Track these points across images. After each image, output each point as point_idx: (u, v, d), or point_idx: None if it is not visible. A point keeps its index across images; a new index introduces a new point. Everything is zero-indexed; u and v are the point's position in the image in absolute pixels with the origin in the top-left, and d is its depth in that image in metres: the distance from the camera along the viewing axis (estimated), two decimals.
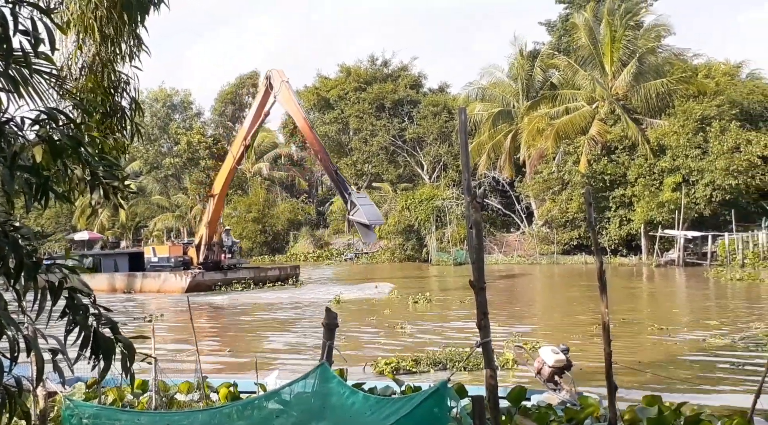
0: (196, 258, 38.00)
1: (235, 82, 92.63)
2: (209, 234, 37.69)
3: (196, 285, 35.67)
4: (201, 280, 36.15)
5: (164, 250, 39.48)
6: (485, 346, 5.01)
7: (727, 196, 47.35)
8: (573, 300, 27.49)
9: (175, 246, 39.70)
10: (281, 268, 42.86)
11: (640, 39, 54.21)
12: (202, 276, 36.46)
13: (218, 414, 5.95)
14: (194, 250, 38.39)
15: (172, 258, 38.24)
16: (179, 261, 38.08)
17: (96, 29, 6.10)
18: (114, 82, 6.35)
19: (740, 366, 13.03)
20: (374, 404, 5.36)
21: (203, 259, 37.62)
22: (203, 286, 35.89)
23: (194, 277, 35.95)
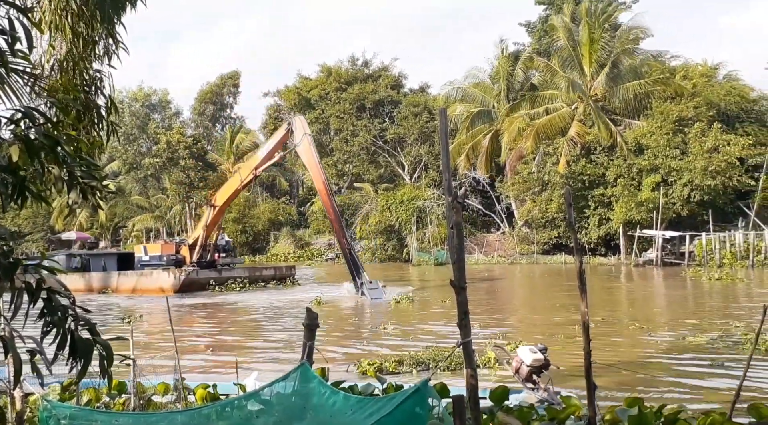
0: (189, 257, 37.43)
1: (216, 81, 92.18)
2: (206, 236, 37.28)
3: (190, 283, 34.98)
4: (195, 278, 35.49)
5: (156, 249, 38.76)
6: (466, 346, 5.01)
7: (705, 197, 47.87)
8: (553, 300, 27.64)
9: (167, 245, 38.98)
10: (276, 268, 42.27)
11: (618, 40, 54.67)
12: (196, 274, 35.82)
13: (197, 414, 5.91)
14: (187, 249, 37.79)
15: (164, 257, 37.58)
16: (172, 260, 37.40)
17: (67, 26, 6.04)
18: (88, 81, 6.28)
19: (720, 365, 13.16)
20: (355, 403, 5.34)
21: (197, 258, 37.11)
22: (197, 285, 35.28)
23: (188, 275, 35.29)
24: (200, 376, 12.35)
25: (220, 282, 36.19)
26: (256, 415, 5.75)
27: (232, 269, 38.40)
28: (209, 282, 35.78)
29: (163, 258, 37.56)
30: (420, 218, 60.88)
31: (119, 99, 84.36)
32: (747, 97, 55.01)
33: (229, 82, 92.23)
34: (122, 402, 8.41)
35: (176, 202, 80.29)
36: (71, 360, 3.61)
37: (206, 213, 37.47)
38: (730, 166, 47.37)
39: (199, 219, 70.08)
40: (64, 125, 4.68)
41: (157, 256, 37.83)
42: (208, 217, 36.82)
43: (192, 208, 78.11)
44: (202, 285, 35.41)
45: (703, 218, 48.38)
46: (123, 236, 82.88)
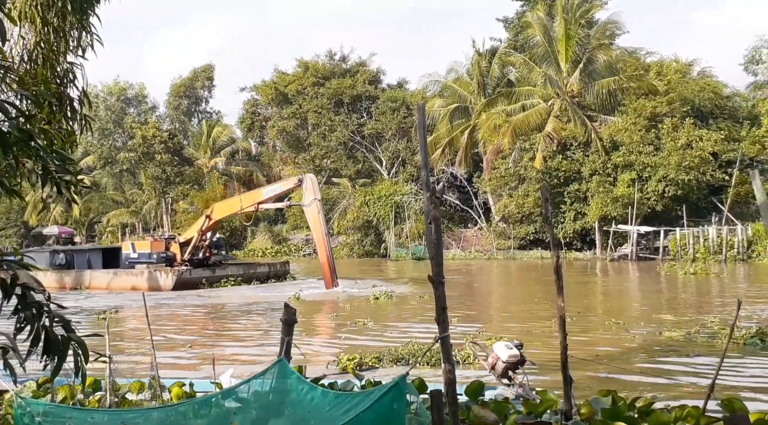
0: (179, 255, 36.73)
1: (189, 75, 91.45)
2: (199, 239, 36.59)
3: (183, 283, 34.18)
4: (188, 278, 34.70)
5: (145, 246, 37.58)
6: (444, 341, 5.03)
7: (679, 192, 48.41)
8: (530, 295, 27.81)
9: (157, 242, 37.80)
10: (270, 264, 41.40)
11: (594, 37, 55.02)
12: (189, 273, 35.05)
13: (174, 412, 5.87)
14: (177, 246, 37.03)
15: (154, 254, 36.46)
16: (162, 258, 36.47)
17: (37, 17, 5.94)
18: (61, 73, 6.19)
19: (695, 358, 13.31)
20: (333, 399, 5.34)
21: (189, 256, 36.43)
22: (190, 284, 34.48)
23: (181, 275, 34.56)
24: (176, 373, 12.28)
25: (213, 280, 35.46)
26: (234, 412, 5.73)
27: (225, 266, 37.73)
28: (201, 281, 35.02)
29: (152, 255, 36.59)
30: (398, 213, 60.97)
31: (94, 93, 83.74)
32: (720, 93, 55.69)
33: (202, 75, 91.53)
34: (97, 400, 8.33)
35: (152, 197, 79.66)
36: (45, 357, 3.57)
37: (201, 220, 36.85)
38: (703, 161, 47.92)
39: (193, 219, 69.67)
40: (38, 118, 4.62)
41: (146, 253, 36.85)
42: (203, 224, 36.23)
43: (168, 203, 77.55)
44: (195, 284, 34.69)
45: (677, 213, 48.93)
46: (98, 231, 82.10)
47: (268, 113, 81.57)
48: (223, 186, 76.32)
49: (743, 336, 14.48)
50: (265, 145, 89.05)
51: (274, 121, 77.59)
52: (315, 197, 32.17)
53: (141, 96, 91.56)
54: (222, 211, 37.12)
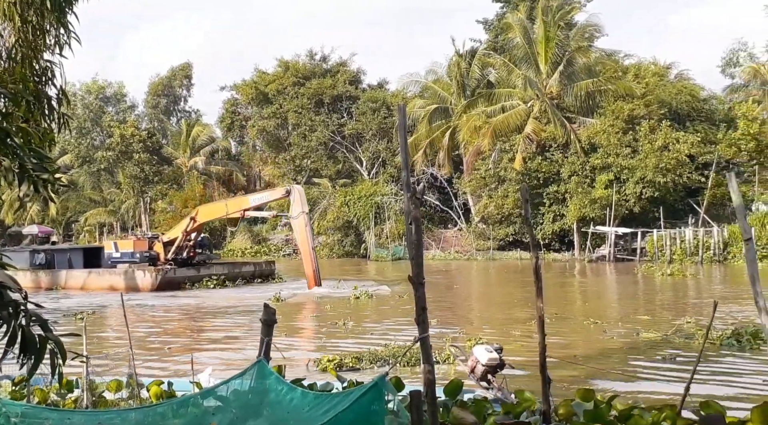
0: (163, 254, 36.29)
1: (167, 73, 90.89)
2: (183, 239, 36.25)
3: (167, 282, 33.81)
4: (172, 277, 34.34)
5: (128, 245, 37.01)
6: (423, 341, 5.04)
7: (656, 194, 48.88)
8: (509, 296, 27.96)
9: (140, 241, 37.41)
10: (256, 264, 41.19)
11: (573, 39, 55.37)
12: (173, 272, 34.69)
13: (152, 412, 5.83)
14: (161, 246, 36.66)
15: (137, 254, 36.00)
16: (145, 257, 35.99)
17: (16, 14, 5.88)
18: (39, 71, 6.14)
19: (672, 359, 13.42)
20: (312, 400, 5.34)
21: (173, 256, 36.11)
22: (174, 284, 34.09)
23: (165, 274, 34.11)
24: (155, 373, 12.20)
25: (197, 279, 35.06)
26: (213, 412, 5.71)
27: (209, 266, 37.31)
28: (185, 281, 34.60)
29: (135, 254, 36.06)
30: (378, 214, 60.99)
31: (72, 91, 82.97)
32: (697, 96, 56.31)
33: (180, 73, 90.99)
34: (74, 400, 8.25)
35: (130, 196, 79.09)
36: (22, 357, 3.54)
37: (186, 221, 36.46)
38: (680, 163, 48.42)
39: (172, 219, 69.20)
40: (15, 117, 4.57)
41: (129, 253, 36.37)
42: (188, 226, 35.89)
43: (146, 202, 77.03)
44: (180, 284, 34.31)
45: (654, 215, 49.38)
46: (75, 230, 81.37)
47: (248, 113, 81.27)
48: (202, 185, 75.95)
49: (720, 337, 14.63)
50: (245, 145, 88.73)
51: (254, 121, 77.31)
52: (302, 210, 32.01)
53: (120, 94, 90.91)
54: (207, 215, 37.03)
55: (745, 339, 14.16)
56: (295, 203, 32.40)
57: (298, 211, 32.14)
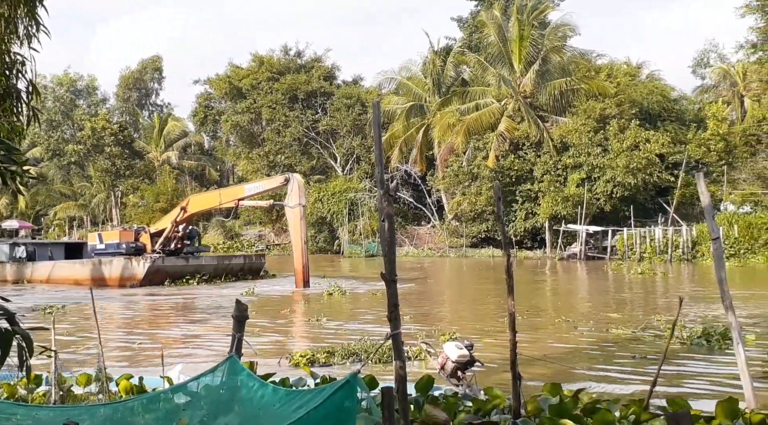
0: (150, 245, 35.19)
1: (137, 67, 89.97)
2: (172, 230, 35.22)
3: (156, 271, 32.80)
4: (161, 266, 33.23)
5: (113, 236, 36.00)
6: (395, 338, 5.05)
7: (626, 193, 49.46)
8: (482, 293, 28.10)
9: (126, 232, 36.31)
10: (246, 256, 40.00)
11: (547, 38, 55.78)
12: (162, 261, 33.50)
13: (122, 407, 5.79)
14: (148, 237, 35.58)
15: (123, 245, 34.92)
16: (132, 248, 34.82)
17: None
18: (9, 64, 6.05)
19: (641, 357, 13.58)
20: (284, 396, 5.32)
21: (160, 247, 34.95)
22: (162, 273, 33.11)
23: (153, 263, 32.95)
24: (125, 367, 12.08)
25: (184, 271, 33.95)
26: (183, 408, 5.67)
27: (198, 257, 36.20)
28: (175, 273, 33.55)
29: (121, 245, 34.97)
30: (352, 210, 60.98)
31: (43, 84, 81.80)
32: (668, 96, 57.08)
33: (151, 66, 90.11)
34: (43, 394, 8.16)
35: (101, 190, 78.23)
36: None
37: (176, 212, 35.41)
38: (650, 163, 49.04)
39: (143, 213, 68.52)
40: None
41: (114, 244, 35.22)
42: (177, 216, 34.90)
43: (117, 196, 76.22)
44: (167, 274, 33.31)
45: (624, 214, 49.96)
46: (45, 224, 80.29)
47: (222, 107, 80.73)
48: (174, 180, 75.33)
49: (689, 336, 14.81)
50: (218, 140, 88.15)
51: (227, 116, 76.80)
52: (300, 202, 31.19)
53: (91, 88, 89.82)
54: (198, 205, 35.83)
55: (714, 339, 14.35)
56: (292, 193, 31.41)
57: (295, 202, 31.28)
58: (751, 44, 44.50)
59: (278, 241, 70.12)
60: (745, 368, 6.18)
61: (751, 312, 19.20)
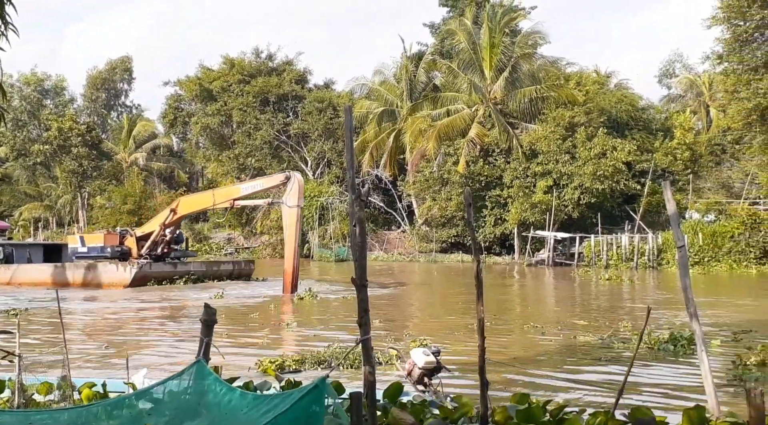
0: (135, 249, 33.93)
1: (105, 67, 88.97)
2: (160, 233, 34.02)
3: (143, 277, 31.75)
4: (148, 272, 32.19)
5: (97, 239, 34.62)
6: (365, 343, 5.05)
7: (594, 200, 50.02)
8: (451, 298, 28.19)
9: (110, 235, 34.90)
10: (235, 262, 39.28)
11: (517, 45, 56.25)
12: (149, 267, 32.47)
13: (85, 412, 5.70)
14: (133, 241, 34.27)
15: (108, 248, 33.64)
16: (117, 252, 33.66)
17: None
18: None
19: (608, 363, 13.69)
20: (251, 401, 5.29)
21: (147, 251, 33.80)
22: (149, 279, 32.09)
23: (141, 268, 31.82)
24: (88, 372, 11.90)
25: (172, 276, 32.95)
26: (148, 413, 5.61)
27: (186, 263, 35.18)
28: (163, 278, 32.54)
29: (106, 249, 33.67)
30: (322, 214, 60.85)
31: (9, 82, 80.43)
32: (636, 105, 57.88)
33: (120, 66, 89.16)
34: (6, 400, 8.00)
35: (67, 191, 77.15)
36: None
37: (165, 214, 34.24)
38: (617, 170, 49.66)
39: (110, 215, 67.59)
40: None
41: (97, 247, 33.95)
42: (166, 218, 33.70)
43: (84, 197, 75.21)
44: (154, 279, 32.29)
45: (592, 220, 50.51)
46: (9, 225, 78.99)
47: (192, 109, 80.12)
48: (142, 182, 74.57)
49: (656, 342, 14.97)
50: (187, 142, 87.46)
51: (197, 118, 76.24)
52: (298, 204, 29.89)
53: (59, 88, 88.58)
54: (189, 206, 34.54)
55: (680, 345, 14.52)
56: (292, 192, 29.87)
57: (294, 202, 29.79)
58: (717, 55, 45.25)
59: (247, 245, 69.69)
60: (709, 375, 6.27)
61: (716, 321, 19.48)
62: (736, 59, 43.64)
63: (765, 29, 42.60)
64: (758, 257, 41.12)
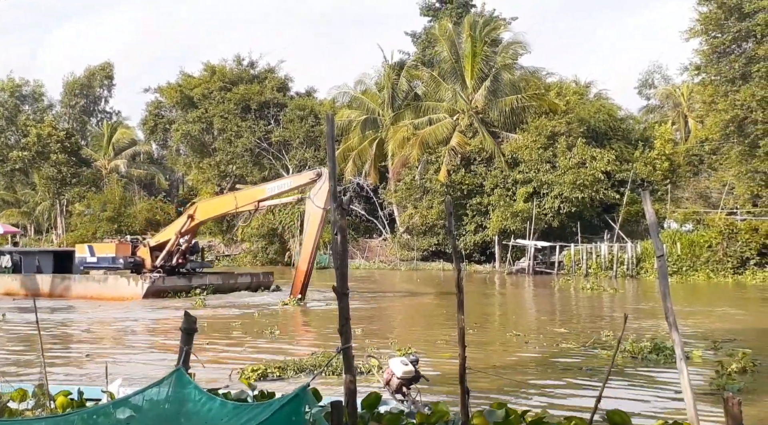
0: (149, 260, 32.21)
1: (84, 73, 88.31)
2: (175, 242, 32.23)
3: (156, 291, 30.05)
4: (161, 286, 30.45)
5: (107, 249, 32.84)
6: (346, 352, 5.04)
7: (573, 209, 50.32)
8: (432, 307, 28.22)
9: (122, 245, 33.09)
10: (253, 274, 36.89)
11: (499, 55, 56.55)
12: (162, 281, 30.66)
13: (63, 421, 5.64)
14: (147, 251, 32.54)
15: (120, 259, 31.99)
16: (129, 263, 32.05)
17: None
18: None
19: (589, 371, 13.75)
20: (231, 410, 5.26)
21: (161, 263, 32.06)
22: (163, 293, 30.32)
23: (153, 282, 30.15)
24: (68, 380, 11.77)
25: (187, 289, 30.96)
26: (126, 422, 5.55)
27: (202, 275, 33.48)
28: (176, 291, 30.69)
29: (118, 260, 31.99)
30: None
31: None
32: (615, 115, 58.38)
33: (100, 73, 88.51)
34: None
35: (46, 198, 76.38)
36: None
37: (181, 221, 32.53)
38: (596, 180, 50.02)
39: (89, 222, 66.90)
40: None
41: (108, 258, 32.26)
42: (183, 226, 31.88)
43: (63, 204, 74.52)
44: (168, 293, 30.50)
45: (572, 229, 50.78)
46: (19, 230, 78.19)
47: (173, 116, 79.71)
48: (122, 188, 74.04)
49: (640, 350, 15.05)
50: (168, 149, 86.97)
51: (178, 125, 75.85)
52: (325, 206, 28.15)
53: (37, 93, 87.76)
54: (208, 211, 32.92)
55: (662, 354, 14.58)
56: (321, 191, 28.19)
57: (321, 202, 28.28)
58: (695, 66, 45.81)
59: (228, 252, 69.33)
60: (688, 385, 6.31)
61: (697, 330, 19.64)
62: (713, 71, 44.24)
63: (742, 41, 43.25)
64: (735, 267, 41.52)
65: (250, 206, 31.51)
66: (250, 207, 31.64)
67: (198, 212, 32.01)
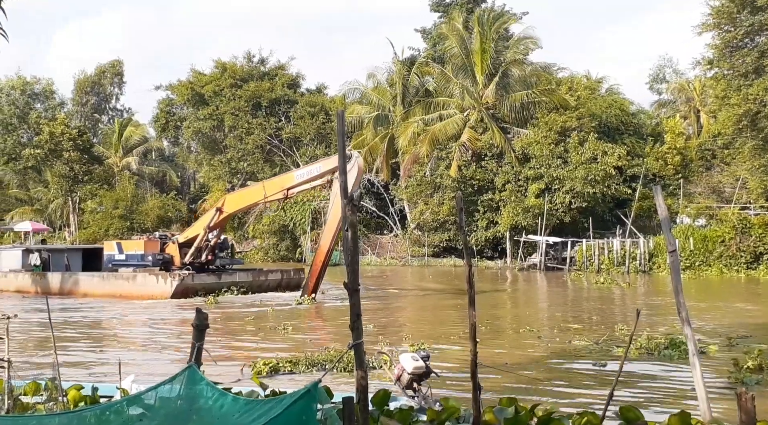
0: (178, 257, 31.56)
1: (94, 71, 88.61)
2: (204, 238, 31.44)
3: (185, 289, 29.41)
4: (190, 284, 29.78)
5: (136, 246, 32.49)
6: (357, 348, 5.04)
7: (585, 204, 50.10)
8: (444, 302, 28.19)
9: (151, 242, 32.61)
10: (284, 271, 35.45)
11: (509, 50, 56.32)
12: (191, 278, 29.98)
13: (76, 418, 5.68)
14: (175, 247, 31.93)
15: (149, 256, 31.53)
16: (158, 260, 31.56)
17: None
18: None
19: (602, 367, 13.69)
20: (243, 406, 5.27)
21: (190, 260, 31.41)
22: (192, 291, 29.63)
23: (182, 280, 29.51)
24: (80, 378, 11.84)
25: (216, 288, 30.19)
26: (139, 418, 5.58)
27: (231, 272, 32.59)
28: (197, 291, 29.73)
29: (147, 257, 31.55)
30: (315, 219, 60.73)
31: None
32: (627, 110, 58.04)
33: (111, 71, 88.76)
34: None
35: (58, 195, 76.81)
36: None
37: (210, 215, 31.79)
38: (608, 175, 49.79)
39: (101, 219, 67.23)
40: None
41: (137, 255, 31.83)
42: (211, 220, 31.12)
43: (75, 202, 74.93)
44: (198, 292, 29.67)
45: (583, 225, 50.59)
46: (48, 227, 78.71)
47: (184, 113, 79.92)
48: (134, 186, 74.36)
49: (656, 346, 14.97)
50: (179, 146, 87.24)
51: (189, 122, 76.06)
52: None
53: (48, 91, 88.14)
54: (237, 203, 32.19)
55: (677, 350, 14.46)
56: (350, 173, 24.81)
57: (356, 185, 27.17)
58: (708, 61, 45.48)
59: (239, 249, 69.52)
60: (701, 379, 6.28)
61: (712, 325, 19.51)
62: (726, 65, 43.93)
63: (755, 35, 42.88)
64: (748, 262, 41.27)
65: (279, 194, 30.49)
66: (279, 195, 30.67)
67: (226, 204, 31.22)
